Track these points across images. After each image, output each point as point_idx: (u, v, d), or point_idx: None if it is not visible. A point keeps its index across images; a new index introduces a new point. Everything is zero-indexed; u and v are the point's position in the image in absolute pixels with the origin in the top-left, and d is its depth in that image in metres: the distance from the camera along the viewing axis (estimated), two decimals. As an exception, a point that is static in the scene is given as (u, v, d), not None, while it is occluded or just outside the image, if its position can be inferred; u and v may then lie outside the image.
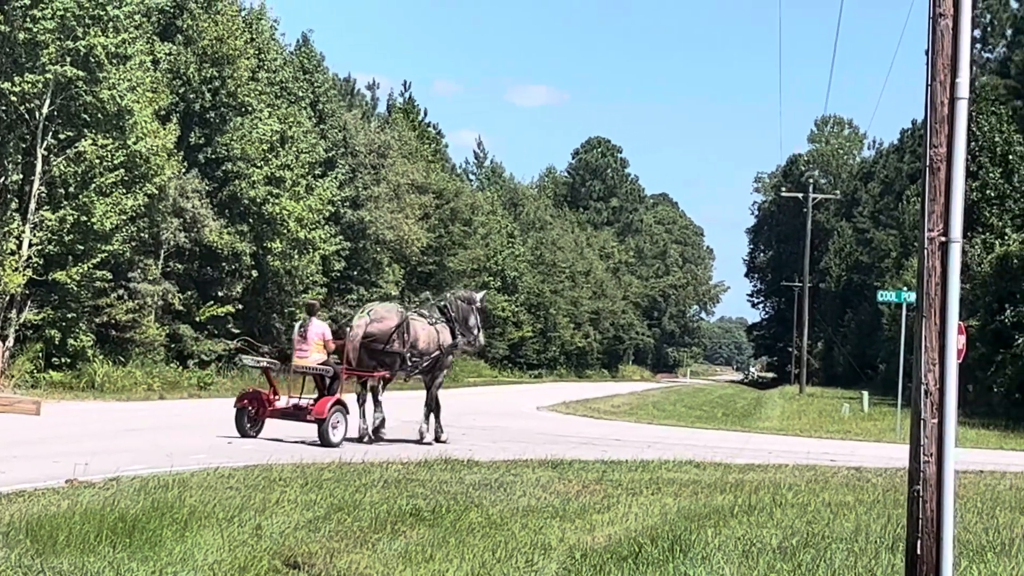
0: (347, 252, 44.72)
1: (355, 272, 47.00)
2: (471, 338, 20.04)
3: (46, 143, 27.91)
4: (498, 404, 35.58)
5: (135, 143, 28.85)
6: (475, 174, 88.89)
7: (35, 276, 27.70)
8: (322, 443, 16.81)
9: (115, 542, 8.17)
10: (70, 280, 27.80)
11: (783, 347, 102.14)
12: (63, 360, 28.95)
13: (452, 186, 61.06)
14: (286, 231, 36.75)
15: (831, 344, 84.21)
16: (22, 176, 28.26)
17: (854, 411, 38.17)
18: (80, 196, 27.86)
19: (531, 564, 8.27)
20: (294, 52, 46.62)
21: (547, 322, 77.84)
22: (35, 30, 26.69)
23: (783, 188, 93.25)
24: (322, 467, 13.12)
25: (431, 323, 19.16)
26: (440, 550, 8.52)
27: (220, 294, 35.82)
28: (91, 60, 27.64)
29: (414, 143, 57.69)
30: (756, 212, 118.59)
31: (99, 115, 28.31)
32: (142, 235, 31.94)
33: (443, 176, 61.38)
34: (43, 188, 28.09)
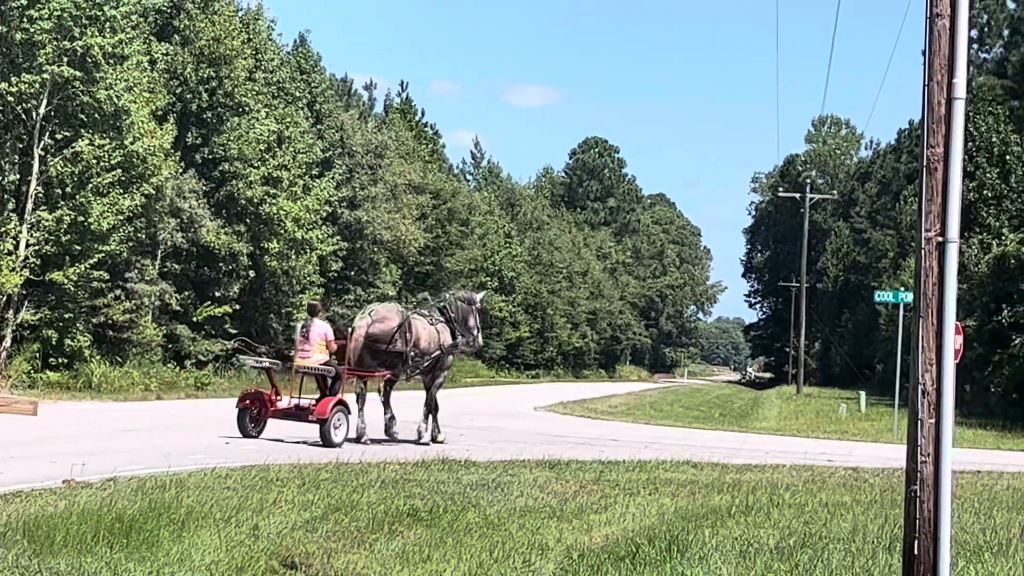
0: (344, 252, 44.70)
1: (352, 272, 46.99)
2: (470, 339, 20.09)
3: (43, 143, 27.90)
4: (495, 404, 35.55)
5: (132, 143, 28.83)
6: (472, 174, 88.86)
7: (32, 276, 27.68)
8: (324, 443, 16.82)
9: (112, 542, 8.18)
10: (67, 280, 27.79)
11: (780, 347, 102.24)
12: (60, 360, 28.93)
13: (449, 186, 61.01)
14: (283, 231, 36.76)
15: (828, 344, 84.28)
16: (19, 176, 28.25)
17: (851, 411, 38.17)
18: (77, 196, 27.85)
19: (528, 564, 8.27)
20: (291, 52, 46.58)
21: (544, 322, 77.79)
22: (32, 30, 26.69)
23: (780, 188, 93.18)
24: (319, 467, 13.11)
25: (431, 323, 19.21)
26: (437, 550, 8.52)
27: (217, 294, 35.81)
28: (88, 60, 27.63)
29: (411, 143, 57.67)
30: (753, 212, 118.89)
31: (96, 115, 28.31)
32: (139, 235, 31.95)
33: (440, 176, 61.35)
34: (40, 188, 28.09)
